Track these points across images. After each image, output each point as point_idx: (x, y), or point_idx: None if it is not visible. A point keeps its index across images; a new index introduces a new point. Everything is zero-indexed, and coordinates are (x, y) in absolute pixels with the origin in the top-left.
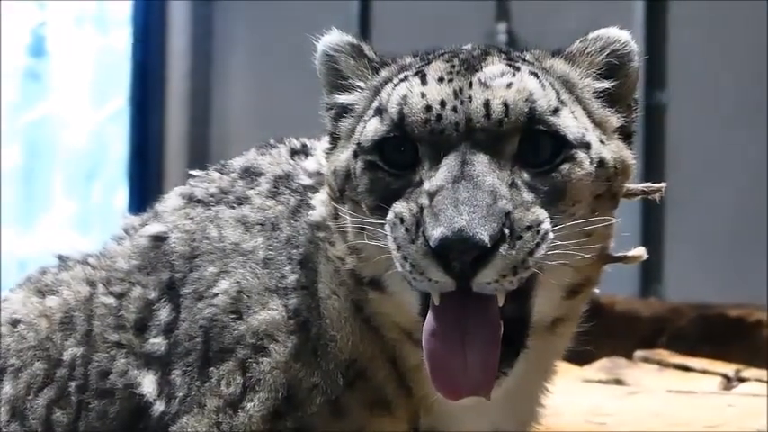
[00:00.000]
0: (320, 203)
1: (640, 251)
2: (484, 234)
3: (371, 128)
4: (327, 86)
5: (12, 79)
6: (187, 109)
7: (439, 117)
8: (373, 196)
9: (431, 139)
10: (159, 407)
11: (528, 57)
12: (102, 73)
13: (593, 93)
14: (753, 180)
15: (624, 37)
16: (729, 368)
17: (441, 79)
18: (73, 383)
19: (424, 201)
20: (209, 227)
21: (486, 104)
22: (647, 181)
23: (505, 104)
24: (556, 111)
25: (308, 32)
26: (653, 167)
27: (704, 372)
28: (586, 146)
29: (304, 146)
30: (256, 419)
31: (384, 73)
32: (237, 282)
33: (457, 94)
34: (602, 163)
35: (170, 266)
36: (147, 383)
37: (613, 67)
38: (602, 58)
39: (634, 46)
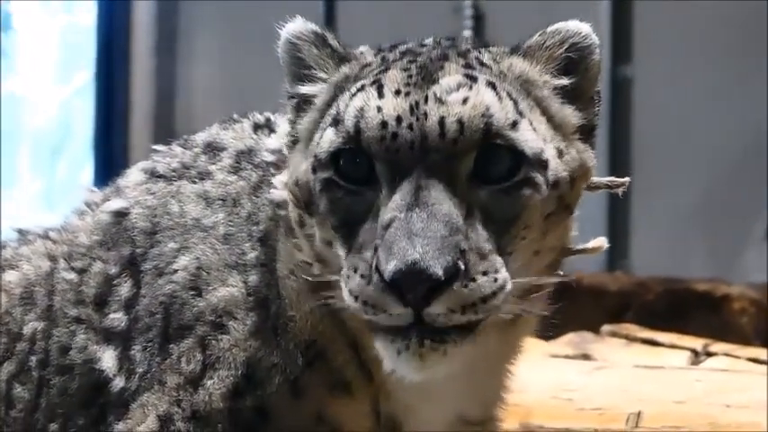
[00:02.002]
0: (281, 184)
1: (600, 242)
2: (438, 267)
3: (327, 139)
4: (290, 76)
5: None
6: (152, 84)
7: (395, 135)
8: (335, 217)
9: (386, 158)
10: (119, 383)
11: (486, 58)
12: (68, 49)
13: (553, 89)
14: (720, 154)
15: (584, 30)
16: (697, 343)
17: (398, 92)
18: (34, 358)
19: (378, 241)
20: (171, 202)
21: (441, 122)
22: (613, 155)
23: (460, 122)
24: (514, 124)
25: (272, 9)
26: (619, 143)
27: (672, 346)
28: (544, 166)
29: (268, 120)
30: (216, 397)
31: (345, 70)
32: (197, 258)
33: (413, 109)
34: (555, 185)
35: (131, 242)
36: (107, 359)
37: (573, 61)
38: (562, 52)
39: (595, 39)
